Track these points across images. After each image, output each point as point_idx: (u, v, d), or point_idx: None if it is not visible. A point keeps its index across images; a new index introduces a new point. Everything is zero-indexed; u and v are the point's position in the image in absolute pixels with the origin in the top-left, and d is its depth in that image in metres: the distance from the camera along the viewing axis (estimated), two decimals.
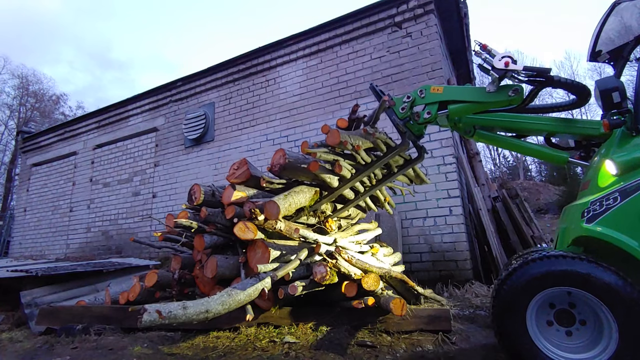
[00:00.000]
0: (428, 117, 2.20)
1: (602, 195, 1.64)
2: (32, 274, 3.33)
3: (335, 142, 2.33)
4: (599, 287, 1.49)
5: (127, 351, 2.18)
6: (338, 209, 3.02)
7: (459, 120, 2.25)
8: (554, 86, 1.99)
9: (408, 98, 2.29)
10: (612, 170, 1.68)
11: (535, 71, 1.92)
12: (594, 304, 1.53)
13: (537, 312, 1.63)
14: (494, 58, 1.90)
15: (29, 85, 26.14)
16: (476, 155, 5.61)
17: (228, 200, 2.53)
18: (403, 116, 2.29)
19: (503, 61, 1.86)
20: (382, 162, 2.59)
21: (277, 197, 2.43)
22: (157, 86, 7.46)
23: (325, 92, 5.50)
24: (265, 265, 2.29)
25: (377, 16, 5.27)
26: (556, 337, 1.63)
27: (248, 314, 2.04)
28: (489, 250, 4.35)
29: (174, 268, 2.83)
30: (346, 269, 2.35)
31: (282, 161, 2.42)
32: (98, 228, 7.70)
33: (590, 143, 2.10)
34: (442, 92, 2.18)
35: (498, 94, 1.98)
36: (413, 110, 2.26)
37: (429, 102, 2.23)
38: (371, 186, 2.89)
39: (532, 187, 21.72)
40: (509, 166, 28.70)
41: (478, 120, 2.25)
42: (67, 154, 8.83)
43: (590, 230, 1.62)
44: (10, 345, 2.55)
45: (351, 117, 2.78)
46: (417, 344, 2.16)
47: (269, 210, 2.28)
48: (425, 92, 2.23)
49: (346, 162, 2.55)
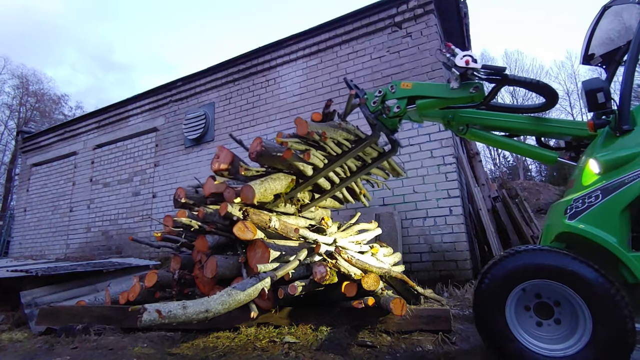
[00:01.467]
0: (397, 110, 2.30)
1: (585, 193, 1.68)
2: (32, 274, 3.33)
3: (304, 132, 2.49)
4: (575, 280, 1.53)
5: (127, 351, 2.18)
6: (316, 198, 3.12)
7: (452, 118, 2.32)
8: (510, 84, 2.09)
9: (380, 92, 2.37)
10: (595, 169, 1.72)
11: (492, 69, 2.01)
12: (570, 296, 1.57)
13: (517, 303, 1.68)
14: (455, 57, 1.98)
15: (29, 85, 26.16)
16: (476, 155, 5.62)
17: (210, 191, 2.69)
18: (374, 109, 2.37)
19: (464, 60, 1.95)
20: (354, 153, 2.70)
21: (253, 182, 2.54)
22: (157, 86, 7.46)
23: (325, 92, 5.50)
24: (265, 265, 2.29)
25: (377, 16, 5.27)
26: (527, 323, 1.68)
27: (252, 311, 2.08)
28: (489, 250, 4.35)
29: (174, 268, 2.83)
30: (346, 269, 2.35)
31: (259, 148, 2.57)
32: (98, 228, 7.70)
33: (580, 144, 2.14)
34: (411, 87, 2.27)
35: (461, 91, 2.08)
36: (385, 104, 2.34)
37: (399, 96, 2.31)
38: (346, 177, 3.00)
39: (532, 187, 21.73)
40: (509, 166, 28.70)
41: (471, 118, 2.31)
42: (67, 154, 8.83)
43: (572, 226, 1.66)
44: (10, 345, 2.55)
45: (324, 112, 2.91)
46: (417, 344, 2.16)
47: (245, 194, 2.42)
48: (396, 88, 2.32)
49: (318, 152, 2.69)
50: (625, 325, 1.43)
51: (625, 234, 1.58)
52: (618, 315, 1.45)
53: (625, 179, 1.58)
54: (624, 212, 1.57)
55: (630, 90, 1.78)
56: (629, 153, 1.65)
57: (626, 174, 1.59)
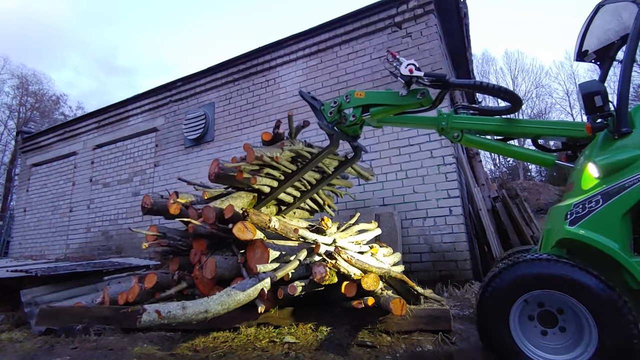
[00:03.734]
0: (353, 119, 2.35)
1: (585, 197, 1.66)
2: (32, 274, 3.33)
3: (252, 159, 2.69)
4: (577, 289, 1.51)
5: (127, 351, 2.18)
6: (282, 210, 3.30)
7: (446, 125, 2.34)
8: (454, 88, 2.18)
9: (335, 103, 2.42)
10: (595, 173, 1.70)
11: (434, 77, 2.08)
12: (573, 305, 1.55)
13: (520, 313, 1.65)
14: (401, 66, 2.05)
15: (28, 85, 26.15)
16: (476, 155, 5.62)
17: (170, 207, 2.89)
18: (332, 119, 2.43)
19: (407, 68, 2.02)
20: (312, 165, 2.84)
21: (214, 202, 2.74)
22: (157, 86, 7.46)
23: (325, 92, 5.50)
24: (265, 265, 2.29)
25: (377, 16, 5.27)
26: (532, 332, 1.65)
27: (259, 306, 2.11)
28: (489, 250, 4.35)
29: (173, 269, 2.83)
30: (346, 269, 2.35)
31: (217, 170, 2.70)
32: (98, 228, 7.70)
33: (576, 144, 2.14)
34: (364, 96, 2.33)
35: (409, 97, 2.15)
36: (342, 113, 2.41)
37: (353, 105, 2.35)
38: (307, 190, 3.21)
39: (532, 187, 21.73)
40: (509, 166, 28.72)
41: (464, 124, 2.31)
42: (67, 154, 8.83)
43: (573, 232, 1.64)
44: (10, 345, 2.54)
45: (274, 132, 3.11)
46: (417, 344, 2.16)
47: (206, 214, 2.59)
48: (350, 97, 2.37)
49: (273, 171, 2.91)
50: (631, 332, 1.42)
51: (627, 239, 1.56)
52: (623, 322, 1.43)
53: (625, 182, 1.57)
54: (625, 216, 1.55)
55: (628, 91, 1.76)
56: (628, 156, 1.63)
57: (626, 177, 1.58)
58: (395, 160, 4.79)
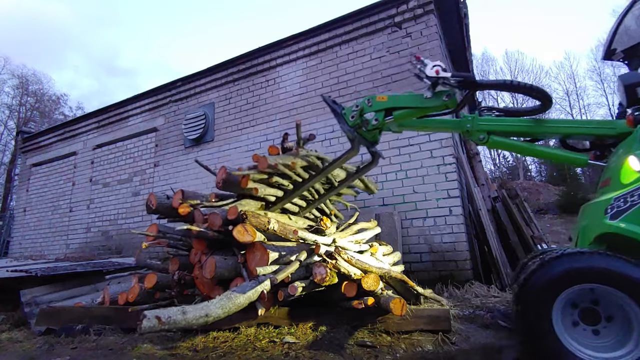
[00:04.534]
0: (376, 123, 2.34)
1: (626, 191, 1.62)
2: (32, 274, 3.33)
3: (264, 167, 2.71)
4: (626, 283, 1.46)
5: (127, 351, 2.18)
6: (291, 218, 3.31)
7: (471, 127, 2.29)
8: (481, 89, 2.17)
9: (357, 107, 2.41)
10: (636, 167, 1.67)
11: (462, 77, 2.05)
12: (621, 300, 1.51)
13: (562, 312, 1.60)
14: (426, 68, 2.04)
15: (28, 85, 26.14)
16: (476, 155, 5.62)
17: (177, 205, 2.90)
18: (353, 124, 2.42)
19: (434, 70, 2.02)
20: (328, 172, 2.83)
21: (222, 208, 2.71)
22: (157, 86, 7.46)
23: (325, 92, 5.50)
24: (265, 268, 2.29)
25: (377, 16, 5.26)
26: (584, 337, 1.60)
27: (259, 309, 2.12)
28: (489, 251, 4.35)
29: (173, 269, 2.83)
30: (346, 269, 2.35)
31: (224, 177, 2.72)
32: (98, 228, 7.70)
33: (604, 144, 2.09)
34: (387, 100, 2.31)
35: (434, 100, 2.14)
36: (363, 118, 2.38)
37: (376, 109, 2.34)
38: (314, 200, 3.21)
39: (532, 187, 21.71)
40: (509, 166, 28.71)
41: (491, 126, 2.27)
42: (66, 154, 8.83)
43: (614, 226, 1.60)
44: (10, 345, 2.54)
45: (283, 146, 3.14)
46: (417, 344, 2.16)
47: (212, 220, 2.58)
48: (372, 101, 2.36)
49: (283, 180, 2.91)
50: None
51: None
52: None
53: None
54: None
55: None
56: None
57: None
58: (395, 160, 4.79)
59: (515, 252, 4.46)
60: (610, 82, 29.17)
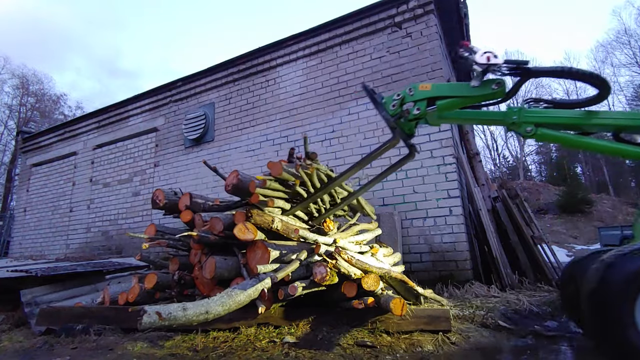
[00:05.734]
0: (417, 113, 2.24)
1: None
2: (32, 274, 3.32)
3: (278, 173, 2.66)
4: None
5: (127, 351, 2.18)
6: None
7: (519, 119, 2.17)
8: (535, 76, 2.05)
9: (398, 96, 2.33)
10: None
11: (515, 64, 1.97)
12: None
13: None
14: (475, 54, 1.96)
15: (28, 85, 26.15)
16: (476, 155, 5.62)
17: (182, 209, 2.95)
18: (393, 113, 2.33)
19: (485, 56, 1.93)
20: (363, 166, 2.73)
21: (224, 213, 2.72)
22: (157, 86, 7.46)
23: (325, 92, 5.50)
24: (265, 266, 2.29)
25: (377, 16, 5.27)
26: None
27: (259, 307, 2.11)
28: (489, 251, 4.35)
29: (173, 269, 2.83)
30: (346, 269, 2.35)
31: (235, 181, 2.69)
32: (98, 228, 7.70)
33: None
34: (430, 89, 2.23)
35: (482, 88, 2.05)
36: (404, 107, 2.30)
37: (417, 99, 2.26)
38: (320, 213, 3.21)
39: (532, 187, 21.69)
40: (509, 166, 28.71)
41: (541, 118, 2.15)
42: (67, 154, 8.83)
43: None
44: (10, 345, 2.55)
45: (290, 160, 3.14)
46: (417, 344, 2.16)
47: (213, 225, 2.56)
48: (414, 90, 2.28)
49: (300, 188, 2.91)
50: None
51: None
52: None
53: None
54: None
55: None
56: None
57: None
58: (395, 160, 4.78)
59: (515, 252, 4.46)
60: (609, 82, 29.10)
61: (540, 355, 2.10)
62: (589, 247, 15.99)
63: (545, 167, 27.68)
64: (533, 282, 4.12)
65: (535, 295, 3.53)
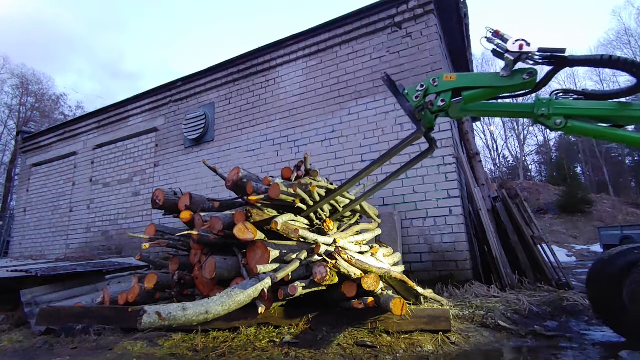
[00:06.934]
0: (442, 104, 2.16)
1: None
2: (32, 274, 3.32)
3: (276, 195, 2.57)
4: None
5: (127, 351, 2.18)
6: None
7: (548, 111, 2.07)
8: (571, 65, 1.94)
9: (421, 87, 2.25)
10: None
11: (550, 52, 1.88)
12: None
13: None
14: (507, 42, 1.88)
15: (28, 85, 26.15)
16: (476, 155, 5.62)
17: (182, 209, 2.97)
18: (417, 105, 2.25)
19: (517, 44, 1.85)
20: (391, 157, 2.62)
21: (224, 213, 2.71)
22: (157, 86, 7.46)
23: (325, 92, 5.50)
24: (265, 266, 2.29)
25: (377, 16, 5.27)
26: None
27: (259, 307, 2.12)
28: (489, 251, 4.35)
29: (173, 269, 2.83)
30: (346, 269, 2.35)
31: (235, 178, 2.68)
32: (98, 228, 7.70)
33: None
34: (455, 79, 2.15)
35: (512, 78, 1.96)
36: (427, 99, 2.22)
37: (442, 90, 2.18)
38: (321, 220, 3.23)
39: (532, 187, 21.70)
40: (509, 166, 28.71)
41: (572, 110, 2.06)
42: (67, 154, 8.83)
43: None
44: (10, 346, 2.55)
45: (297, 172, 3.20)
46: (417, 344, 2.16)
47: (213, 224, 2.57)
48: (439, 81, 2.19)
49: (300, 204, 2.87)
50: None
51: None
52: None
53: None
54: None
55: None
56: None
57: None
58: (395, 160, 4.78)
59: (515, 252, 4.46)
60: (609, 82, 29.19)
61: (540, 356, 2.10)
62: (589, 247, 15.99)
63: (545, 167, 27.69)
64: (533, 282, 4.12)
65: (535, 295, 3.53)
